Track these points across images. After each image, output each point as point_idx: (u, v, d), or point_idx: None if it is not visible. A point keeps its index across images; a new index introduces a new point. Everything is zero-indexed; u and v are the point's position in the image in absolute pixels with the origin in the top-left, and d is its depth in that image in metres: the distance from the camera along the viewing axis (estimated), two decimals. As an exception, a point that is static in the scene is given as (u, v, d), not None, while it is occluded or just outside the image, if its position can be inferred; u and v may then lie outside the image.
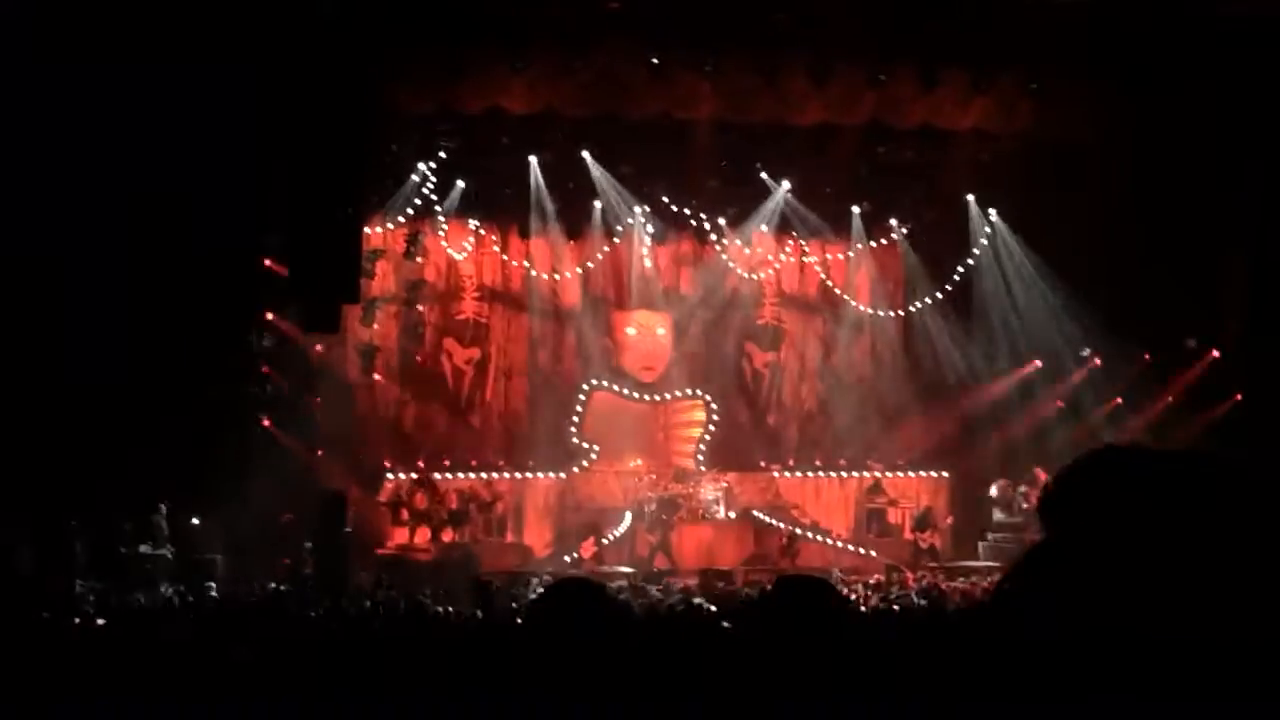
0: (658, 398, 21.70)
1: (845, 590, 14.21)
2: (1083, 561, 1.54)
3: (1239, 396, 19.52)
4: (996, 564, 18.53)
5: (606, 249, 21.55)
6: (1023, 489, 20.23)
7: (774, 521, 20.17)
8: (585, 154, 20.17)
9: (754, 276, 22.24)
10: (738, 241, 21.81)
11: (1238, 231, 18.73)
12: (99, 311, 15.69)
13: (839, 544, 20.27)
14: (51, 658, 6.75)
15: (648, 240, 21.60)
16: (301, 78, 15.32)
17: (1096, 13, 16.40)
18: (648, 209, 21.12)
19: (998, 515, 20.24)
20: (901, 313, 22.43)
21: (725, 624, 9.29)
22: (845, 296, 22.53)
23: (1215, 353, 20.19)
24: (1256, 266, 18.85)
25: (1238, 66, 16.68)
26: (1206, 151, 17.67)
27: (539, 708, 3.29)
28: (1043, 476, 20.35)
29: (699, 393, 21.67)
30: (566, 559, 19.03)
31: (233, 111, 15.40)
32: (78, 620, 10.80)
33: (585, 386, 21.36)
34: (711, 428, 21.55)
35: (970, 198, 21.44)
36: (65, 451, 15.20)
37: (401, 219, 20.33)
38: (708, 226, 21.51)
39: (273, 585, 15.46)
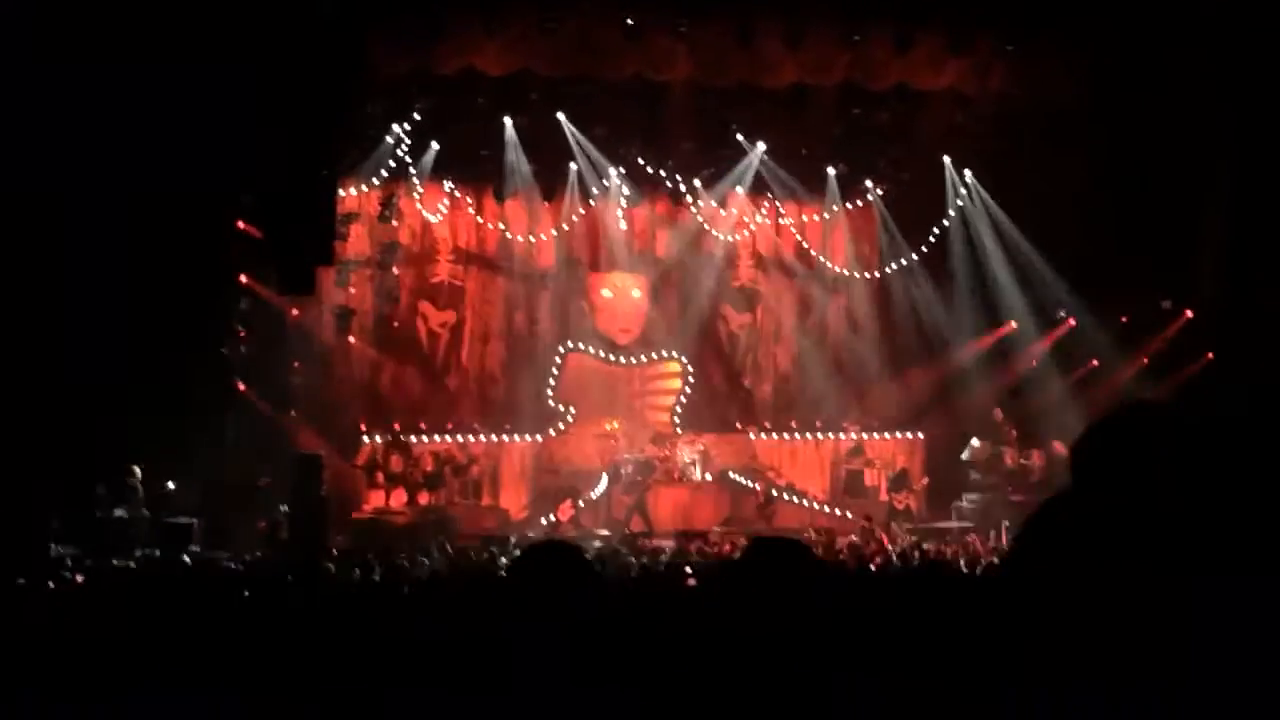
0: (633, 360, 21.70)
1: (819, 551, 14.27)
2: (1113, 516, 1.51)
3: (1210, 356, 19.62)
4: (971, 525, 18.66)
5: (582, 211, 21.46)
6: (994, 449, 20.35)
7: (750, 483, 20.25)
8: (560, 116, 20.02)
9: (729, 238, 22.21)
10: (713, 203, 21.76)
11: (1212, 193, 18.75)
12: (73, 276, 15.55)
13: (815, 505, 20.38)
14: (27, 622, 6.73)
15: (623, 202, 21.54)
16: (278, 40, 15.17)
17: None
18: (623, 171, 21.06)
19: (973, 476, 20.36)
20: (877, 274, 22.45)
21: (700, 584, 9.33)
22: (820, 258, 22.53)
23: (1189, 313, 20.30)
24: (1231, 228, 18.88)
25: (1215, 27, 16.66)
26: (1182, 112, 17.67)
27: (518, 671, 3.30)
28: (1015, 437, 20.50)
29: (675, 355, 21.68)
30: (543, 522, 19.08)
31: (208, 75, 15.22)
32: (53, 585, 10.76)
33: (561, 349, 21.34)
34: (687, 390, 21.58)
35: (946, 159, 21.39)
36: (38, 415, 15.10)
37: (376, 181, 20.19)
38: (683, 189, 21.44)
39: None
